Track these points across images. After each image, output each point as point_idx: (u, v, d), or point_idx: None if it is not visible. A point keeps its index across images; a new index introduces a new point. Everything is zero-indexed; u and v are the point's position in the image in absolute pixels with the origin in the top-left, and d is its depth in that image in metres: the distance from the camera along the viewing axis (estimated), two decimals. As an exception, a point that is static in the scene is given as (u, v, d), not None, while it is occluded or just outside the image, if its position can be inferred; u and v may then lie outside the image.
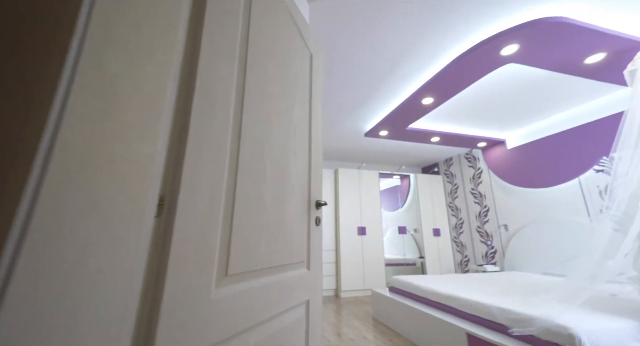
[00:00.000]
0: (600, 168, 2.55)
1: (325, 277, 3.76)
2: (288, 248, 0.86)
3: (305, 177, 1.03)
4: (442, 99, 2.43)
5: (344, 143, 3.87)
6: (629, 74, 1.73)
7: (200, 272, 0.54)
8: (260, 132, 0.78)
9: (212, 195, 0.59)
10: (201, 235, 0.55)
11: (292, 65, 1.02)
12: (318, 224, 1.08)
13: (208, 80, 0.61)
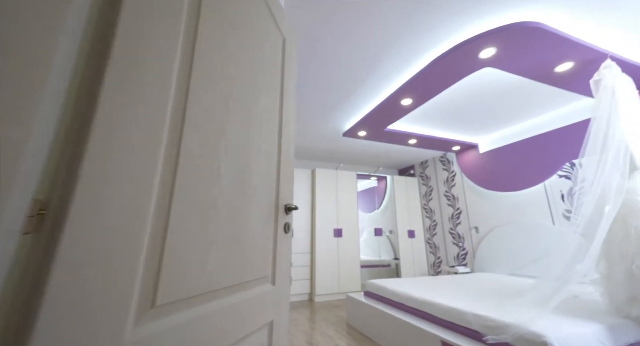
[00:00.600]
0: (564, 174, 2.67)
1: (299, 281, 3.62)
2: (247, 262, 0.71)
3: (272, 177, 0.89)
4: (422, 100, 2.40)
5: (321, 143, 3.77)
6: (594, 83, 1.79)
7: (107, 308, 0.38)
8: (213, 122, 0.63)
9: (133, 199, 0.43)
10: (110, 256, 0.39)
11: (261, 48, 0.88)
12: (287, 231, 0.94)
13: (134, 41, 0.45)
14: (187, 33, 0.58)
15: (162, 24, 0.52)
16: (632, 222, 1.40)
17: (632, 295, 1.38)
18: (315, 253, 3.70)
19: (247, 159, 0.75)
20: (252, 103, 0.80)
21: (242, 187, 0.72)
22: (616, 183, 1.47)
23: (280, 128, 0.97)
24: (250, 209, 0.75)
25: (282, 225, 0.92)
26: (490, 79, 2.22)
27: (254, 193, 0.77)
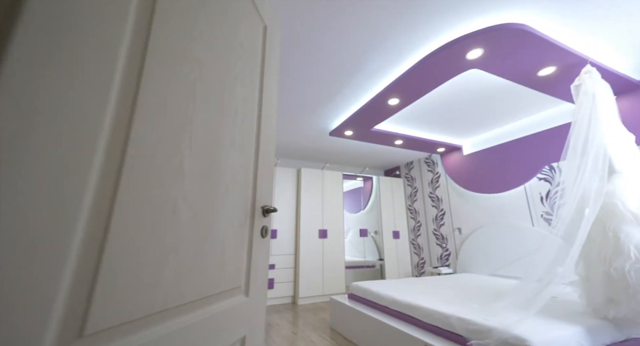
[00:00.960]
0: (543, 177, 2.74)
1: (282, 283, 3.52)
2: (215, 272, 0.63)
3: (248, 176, 0.80)
4: (409, 100, 2.38)
5: (307, 142, 3.69)
6: (574, 88, 1.82)
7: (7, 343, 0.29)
8: (175, 110, 0.54)
9: (56, 199, 0.34)
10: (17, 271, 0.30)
11: (238, 32, 0.79)
12: (265, 235, 0.86)
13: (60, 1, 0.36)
14: (142, 2, 0.48)
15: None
16: (610, 225, 1.42)
17: (609, 297, 1.40)
18: (300, 255, 3.62)
19: (218, 155, 0.67)
20: (225, 93, 0.71)
21: (211, 186, 0.63)
22: (596, 187, 1.49)
23: (259, 122, 0.89)
24: (221, 211, 0.66)
25: (258, 229, 0.83)
26: (476, 81, 2.23)
27: (225, 194, 0.68)
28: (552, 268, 1.51)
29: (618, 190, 1.46)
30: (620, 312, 1.37)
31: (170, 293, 0.50)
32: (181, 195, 0.54)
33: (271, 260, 3.51)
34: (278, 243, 3.63)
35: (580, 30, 1.71)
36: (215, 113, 0.66)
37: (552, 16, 1.59)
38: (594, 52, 1.90)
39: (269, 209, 0.86)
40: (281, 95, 2.46)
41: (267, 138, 0.93)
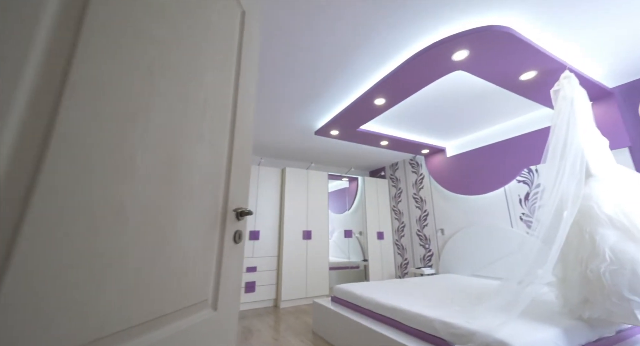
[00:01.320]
0: (522, 179, 2.82)
1: (264, 286, 3.41)
2: (174, 285, 0.54)
3: (219, 175, 0.72)
4: (395, 101, 2.36)
5: (292, 141, 3.60)
6: (554, 93, 1.86)
7: None
8: (124, 95, 0.45)
9: None
10: None
11: (210, 13, 0.71)
12: (238, 241, 0.78)
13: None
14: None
15: None
16: (587, 228, 1.45)
17: (585, 298, 1.43)
18: (283, 257, 3.52)
19: (182, 150, 0.58)
20: (192, 80, 0.63)
21: (172, 185, 0.55)
22: (573, 190, 1.52)
23: (233, 116, 0.80)
24: (183, 215, 0.58)
25: (231, 234, 0.75)
26: (460, 84, 2.24)
27: (190, 194, 0.60)
28: (533, 270, 1.53)
29: (594, 193, 1.49)
30: (595, 312, 1.40)
31: (112, 315, 0.41)
32: (130, 196, 0.45)
33: (253, 262, 3.39)
34: (260, 244, 3.52)
35: (560, 37, 1.75)
36: (178, 102, 0.58)
37: (534, 21, 1.61)
38: (572, 59, 1.96)
39: (243, 212, 0.78)
40: (264, 90, 2.37)
41: (243, 134, 0.85)
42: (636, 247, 1.30)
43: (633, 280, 1.24)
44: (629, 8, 1.53)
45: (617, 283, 1.28)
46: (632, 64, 2.04)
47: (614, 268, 1.30)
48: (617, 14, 1.57)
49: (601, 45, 1.84)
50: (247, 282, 3.28)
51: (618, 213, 1.40)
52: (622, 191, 1.47)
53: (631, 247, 1.31)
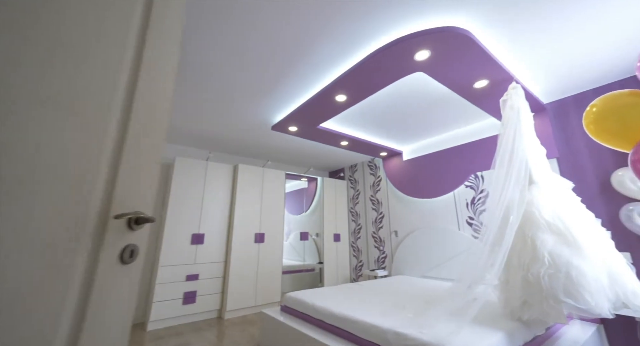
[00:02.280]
0: (469, 184, 2.97)
1: (207, 296, 3.05)
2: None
3: (93, 163, 0.48)
4: (356, 98, 2.26)
5: (247, 135, 3.31)
6: (503, 102, 1.95)
7: None
8: None
9: None
10: None
11: None
12: (129, 260, 0.54)
13: None
14: None
15: None
16: (529, 233, 1.50)
17: (524, 300, 1.47)
18: (230, 262, 3.20)
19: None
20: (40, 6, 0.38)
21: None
22: (519, 196, 1.57)
23: (133, 80, 0.56)
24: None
25: (117, 250, 0.51)
26: (419, 89, 2.25)
27: (14, 188, 0.35)
28: (481, 274, 1.54)
29: (536, 199, 1.56)
30: (533, 314, 1.45)
31: None
32: None
33: (195, 269, 3.01)
34: (205, 249, 3.14)
35: (512, 51, 1.83)
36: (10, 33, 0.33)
37: (491, 30, 1.64)
38: (517, 72, 2.08)
39: (139, 218, 0.55)
40: (213, 74, 2.08)
41: (150, 112, 0.61)
42: (570, 251, 1.37)
43: (567, 283, 1.30)
44: (565, 36, 1.65)
45: (554, 286, 1.33)
46: (563, 84, 2.26)
47: (551, 272, 1.35)
48: (556, 38, 1.69)
49: (542, 64, 1.98)
50: (186, 292, 2.89)
51: (555, 219, 1.47)
52: (558, 197, 1.57)
53: (566, 251, 1.37)
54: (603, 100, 0.96)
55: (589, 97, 2.29)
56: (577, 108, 2.35)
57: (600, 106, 0.96)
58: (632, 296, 1.27)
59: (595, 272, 1.29)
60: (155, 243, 3.05)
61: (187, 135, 3.30)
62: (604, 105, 0.95)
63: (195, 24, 1.57)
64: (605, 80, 2.17)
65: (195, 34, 1.65)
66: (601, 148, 2.18)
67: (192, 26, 1.59)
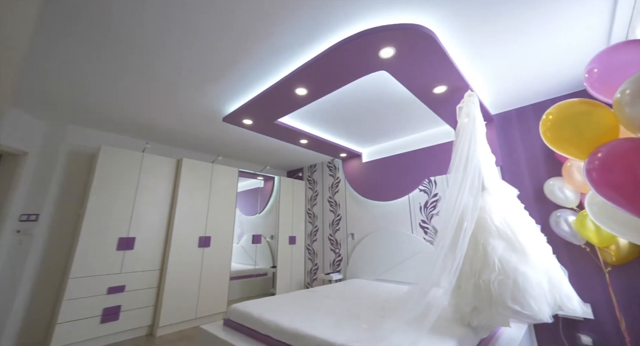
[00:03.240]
0: (423, 188, 3.05)
1: (136, 310, 2.60)
2: None
3: None
4: (318, 93, 2.11)
5: (194, 126, 2.92)
6: (459, 109, 1.99)
7: None
8: None
9: None
10: None
11: None
12: None
13: None
14: None
15: None
16: (480, 239, 1.51)
17: (474, 306, 1.48)
18: (167, 269, 2.78)
19: None
20: None
21: None
22: (472, 202, 1.58)
23: None
24: None
25: None
26: (382, 91, 2.19)
27: None
28: (437, 280, 1.51)
29: (487, 205, 1.58)
30: (482, 320, 1.46)
31: None
32: None
33: (120, 280, 2.54)
34: (135, 256, 2.68)
35: (469, 60, 1.87)
36: None
37: (452, 36, 1.64)
38: (473, 82, 2.16)
39: None
40: (152, 53, 1.73)
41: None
42: (517, 257, 1.40)
43: (514, 290, 1.32)
44: (516, 49, 1.74)
45: (502, 293, 1.34)
46: (507, 98, 2.42)
47: (500, 278, 1.37)
48: (509, 52, 1.77)
49: (495, 75, 2.08)
50: (107, 308, 2.40)
51: (504, 225, 1.50)
52: (506, 204, 1.62)
53: (513, 257, 1.40)
54: (557, 108, 0.94)
55: (529, 111, 2.51)
56: (519, 121, 2.55)
57: (555, 114, 0.95)
58: (567, 300, 1.34)
59: (538, 278, 1.34)
60: (68, 250, 2.49)
61: (119, 122, 2.78)
62: (559, 113, 0.93)
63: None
64: (551, 94, 2.37)
65: (130, 3, 1.32)
66: (537, 159, 2.39)
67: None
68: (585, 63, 1.91)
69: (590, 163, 0.82)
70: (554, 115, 0.99)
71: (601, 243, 1.84)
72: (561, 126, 0.96)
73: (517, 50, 1.79)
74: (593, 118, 0.88)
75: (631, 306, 1.86)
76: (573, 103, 0.97)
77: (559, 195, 2.10)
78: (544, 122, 1.01)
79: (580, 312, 1.32)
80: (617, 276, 1.92)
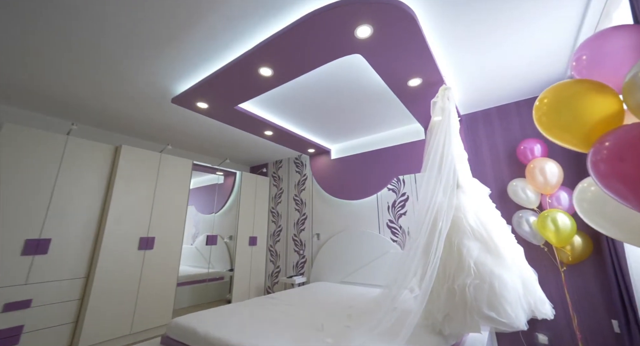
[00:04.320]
0: (392, 187, 2.97)
1: (46, 330, 2.07)
2: None
3: None
4: (284, 75, 1.86)
5: (137, 108, 2.47)
6: (434, 103, 1.90)
7: None
8: None
9: None
10: None
11: None
12: None
13: None
14: None
15: None
16: (454, 240, 1.41)
17: (447, 313, 1.36)
18: (95, 277, 2.30)
19: None
20: None
21: None
22: (447, 201, 1.47)
23: None
24: None
25: None
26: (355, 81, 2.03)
27: None
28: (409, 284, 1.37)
29: (462, 204, 1.49)
30: (454, 328, 1.35)
31: None
32: None
33: (25, 293, 2.01)
34: (49, 262, 2.15)
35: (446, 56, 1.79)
36: None
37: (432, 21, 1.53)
38: (446, 78, 2.09)
39: None
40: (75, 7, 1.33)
41: None
42: (492, 259, 1.31)
43: (490, 295, 1.22)
44: (491, 49, 1.69)
45: (478, 298, 1.23)
46: (475, 98, 2.43)
47: (476, 283, 1.26)
48: (485, 50, 1.72)
49: (466, 74, 2.04)
50: (2, 330, 1.87)
51: (478, 225, 1.41)
52: (479, 203, 1.54)
53: (489, 259, 1.31)
54: (553, 90, 0.83)
55: (494, 113, 2.54)
56: (484, 122, 2.58)
57: (551, 97, 0.84)
58: (540, 304, 1.28)
59: (514, 281, 1.26)
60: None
61: (36, 97, 2.22)
62: (555, 96, 0.83)
63: None
64: (513, 98, 2.42)
65: None
66: (501, 160, 2.43)
67: None
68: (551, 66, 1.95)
69: (596, 153, 0.70)
70: (549, 98, 0.88)
71: (559, 244, 1.88)
72: (558, 110, 0.85)
73: (493, 49, 1.75)
74: (596, 99, 0.77)
75: (582, 304, 1.93)
76: (570, 83, 0.87)
77: (521, 195, 2.13)
78: (538, 107, 0.90)
79: (552, 317, 1.27)
80: (570, 276, 1.98)
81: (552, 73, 2.05)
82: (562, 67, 1.99)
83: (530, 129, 2.34)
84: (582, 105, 0.80)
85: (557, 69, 2.01)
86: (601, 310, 1.89)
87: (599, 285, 1.91)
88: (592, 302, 1.91)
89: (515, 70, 2.00)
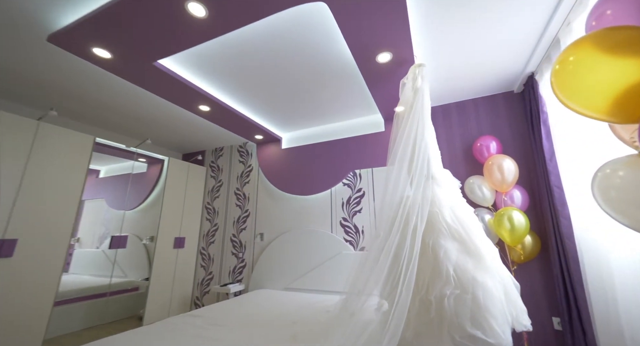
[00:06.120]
0: (347, 182, 2.70)
1: None
2: None
3: None
4: (225, 20, 1.37)
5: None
6: (402, 85, 1.66)
7: None
8: None
9: None
10: None
11: None
12: None
13: None
14: None
15: None
16: (429, 240, 1.15)
17: (419, 332, 1.09)
18: None
19: None
20: None
21: None
22: (422, 194, 1.21)
23: None
24: None
25: None
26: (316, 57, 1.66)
27: None
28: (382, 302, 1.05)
29: (437, 197, 1.24)
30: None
31: None
32: None
33: None
34: None
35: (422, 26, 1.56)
36: None
37: None
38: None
39: None
40: None
41: None
42: (473, 263, 1.09)
43: (474, 309, 0.98)
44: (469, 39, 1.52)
45: (460, 313, 0.98)
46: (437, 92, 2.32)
47: (457, 293, 1.02)
48: (459, 37, 1.55)
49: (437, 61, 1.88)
50: None
51: (455, 221, 1.18)
52: (453, 196, 1.32)
53: (470, 263, 1.08)
54: (592, 37, 0.54)
55: (452, 108, 2.48)
56: (443, 118, 2.50)
57: (585, 49, 0.56)
58: (522, 314, 1.11)
59: (498, 290, 1.05)
60: None
61: None
62: (597, 42, 0.55)
63: None
64: (473, 95, 2.38)
65: None
66: (458, 157, 2.36)
67: None
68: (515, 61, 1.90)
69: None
70: (577, 53, 0.64)
71: (513, 242, 1.83)
72: (591, 68, 0.61)
73: (469, 44, 1.63)
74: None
75: (529, 302, 1.92)
76: (619, 28, 0.64)
77: (477, 193, 2.07)
78: (563, 65, 0.65)
79: (531, 328, 1.12)
80: (520, 274, 1.97)
81: (510, 74, 2.06)
82: (519, 69, 1.99)
83: (486, 127, 2.32)
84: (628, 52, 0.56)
85: (515, 70, 2.00)
86: (543, 307, 1.91)
87: (543, 284, 1.93)
88: (536, 300, 1.93)
89: (478, 67, 1.94)
